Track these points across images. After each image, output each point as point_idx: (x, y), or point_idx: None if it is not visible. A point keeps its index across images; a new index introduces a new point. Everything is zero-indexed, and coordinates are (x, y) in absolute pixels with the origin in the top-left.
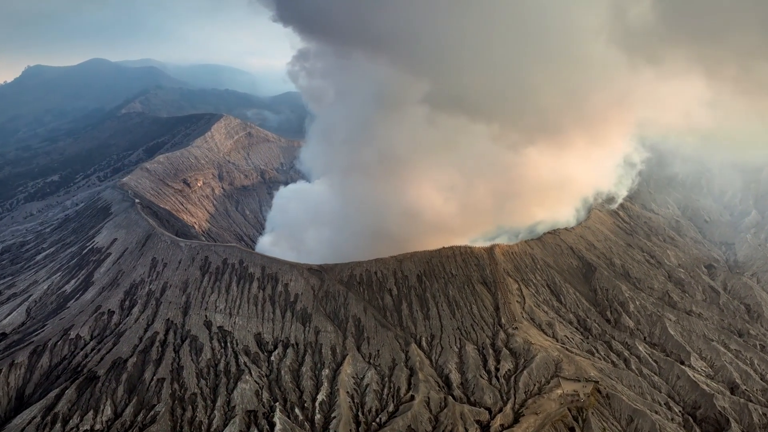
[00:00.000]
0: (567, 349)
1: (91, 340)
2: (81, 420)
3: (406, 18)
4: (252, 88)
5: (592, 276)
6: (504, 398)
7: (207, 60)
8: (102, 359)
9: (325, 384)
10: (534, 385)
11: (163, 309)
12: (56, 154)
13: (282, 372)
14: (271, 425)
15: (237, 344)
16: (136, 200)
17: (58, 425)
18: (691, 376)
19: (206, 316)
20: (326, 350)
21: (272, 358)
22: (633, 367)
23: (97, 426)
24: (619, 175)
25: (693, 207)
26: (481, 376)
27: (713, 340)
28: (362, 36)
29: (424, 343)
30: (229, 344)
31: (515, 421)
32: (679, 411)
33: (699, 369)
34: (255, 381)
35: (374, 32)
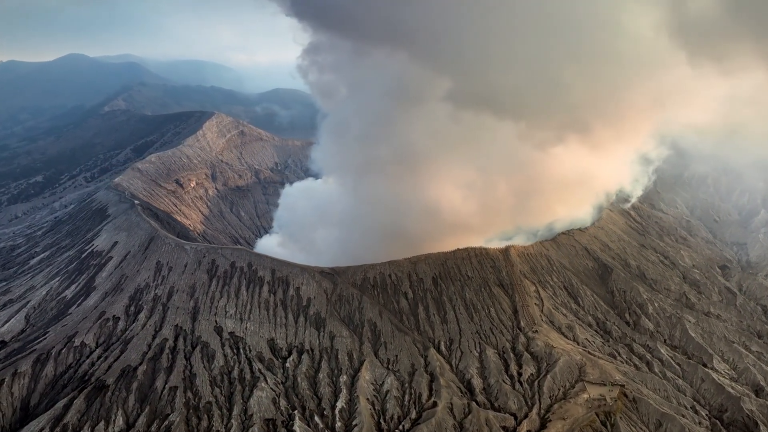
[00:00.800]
0: (589, 353)
1: (97, 348)
2: (92, 431)
3: (429, 13)
4: (237, 85)
5: (609, 277)
6: (529, 403)
7: (189, 55)
8: (110, 367)
9: (344, 391)
10: (559, 390)
11: (171, 314)
12: (38, 154)
13: (298, 379)
14: None
15: (250, 350)
16: (136, 202)
17: None
18: (716, 379)
19: (216, 322)
20: (342, 356)
21: (287, 365)
22: (656, 371)
23: None
24: (637, 173)
25: (702, 207)
26: (504, 381)
27: (734, 342)
28: (382, 31)
29: (443, 348)
30: (242, 350)
31: (542, 427)
32: (706, 414)
33: (722, 371)
34: (271, 388)
35: (395, 28)
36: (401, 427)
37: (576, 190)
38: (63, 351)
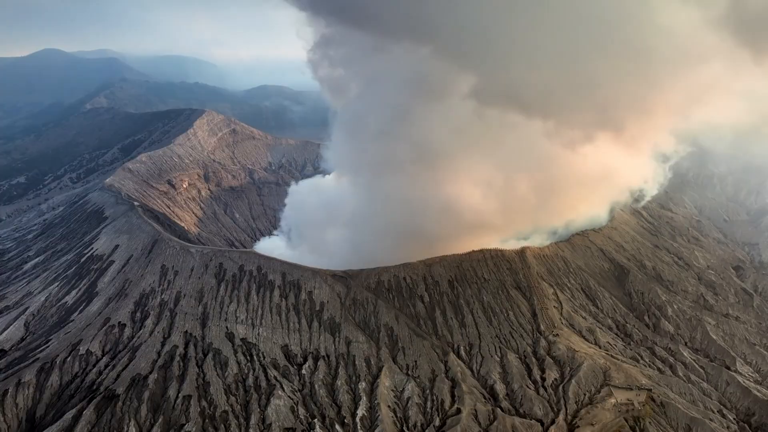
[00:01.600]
0: (612, 356)
1: (104, 356)
2: None
3: (455, 7)
4: (221, 81)
5: (626, 279)
6: (554, 409)
7: (169, 51)
8: (119, 376)
9: (364, 398)
10: (584, 395)
11: (179, 320)
12: (17, 154)
13: (316, 386)
14: None
15: (264, 357)
16: (136, 203)
17: None
18: (742, 383)
19: (227, 328)
20: (360, 362)
21: (303, 372)
22: (680, 374)
23: None
24: (658, 171)
25: (710, 206)
26: (528, 387)
27: (756, 344)
28: (405, 26)
29: (463, 353)
30: (255, 357)
31: None
32: (733, 418)
33: (746, 374)
34: (289, 396)
35: (419, 22)
36: None
37: (598, 188)
38: (68, 359)
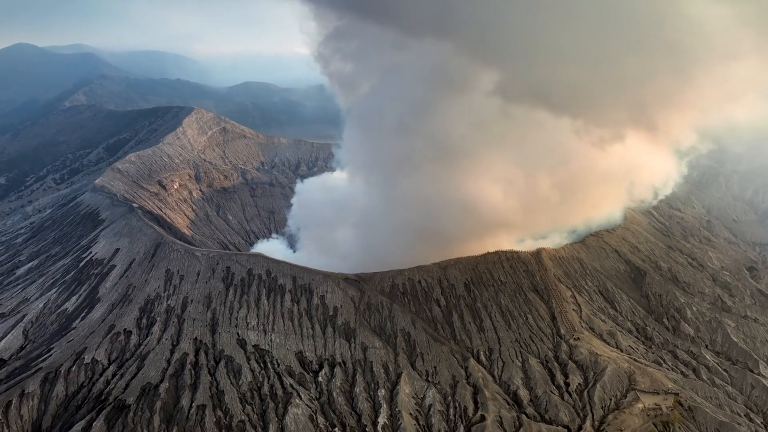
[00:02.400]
0: (635, 360)
1: (110, 365)
2: None
3: (480, 2)
4: (203, 78)
5: (642, 281)
6: (581, 415)
7: (147, 46)
8: (128, 385)
9: (384, 405)
10: (610, 400)
11: (188, 327)
12: None
13: (333, 394)
14: None
15: (278, 364)
16: (135, 205)
17: None
18: (767, 386)
19: (238, 334)
20: (378, 368)
21: (320, 379)
22: (704, 378)
23: None
24: (679, 169)
25: (718, 206)
26: (552, 392)
27: None
28: (427, 22)
29: (483, 358)
30: (269, 365)
31: None
32: (761, 422)
33: None
34: (306, 405)
35: (442, 18)
36: None
37: (621, 185)
38: (73, 369)
